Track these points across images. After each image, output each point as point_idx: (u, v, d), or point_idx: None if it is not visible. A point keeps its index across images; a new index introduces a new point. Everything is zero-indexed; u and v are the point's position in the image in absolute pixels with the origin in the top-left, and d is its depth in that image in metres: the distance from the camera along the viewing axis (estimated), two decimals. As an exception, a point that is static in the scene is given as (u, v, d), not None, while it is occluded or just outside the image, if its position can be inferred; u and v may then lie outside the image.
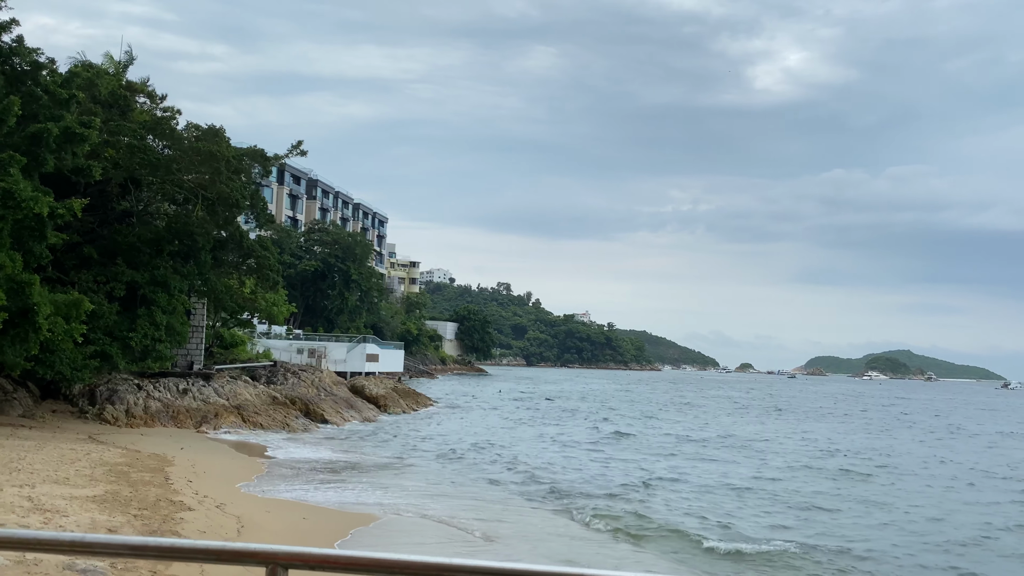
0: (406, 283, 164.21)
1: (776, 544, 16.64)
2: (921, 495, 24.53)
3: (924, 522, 20.36)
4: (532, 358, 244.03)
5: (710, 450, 34.58)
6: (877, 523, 19.88)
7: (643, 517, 19.38)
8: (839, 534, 18.42)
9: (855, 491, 24.66)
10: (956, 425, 58.65)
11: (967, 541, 18.36)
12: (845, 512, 21.22)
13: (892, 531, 19.06)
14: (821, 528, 19.00)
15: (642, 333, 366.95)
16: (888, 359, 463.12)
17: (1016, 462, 34.96)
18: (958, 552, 17.27)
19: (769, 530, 18.58)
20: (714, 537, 17.05)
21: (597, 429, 42.94)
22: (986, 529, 19.75)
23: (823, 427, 51.57)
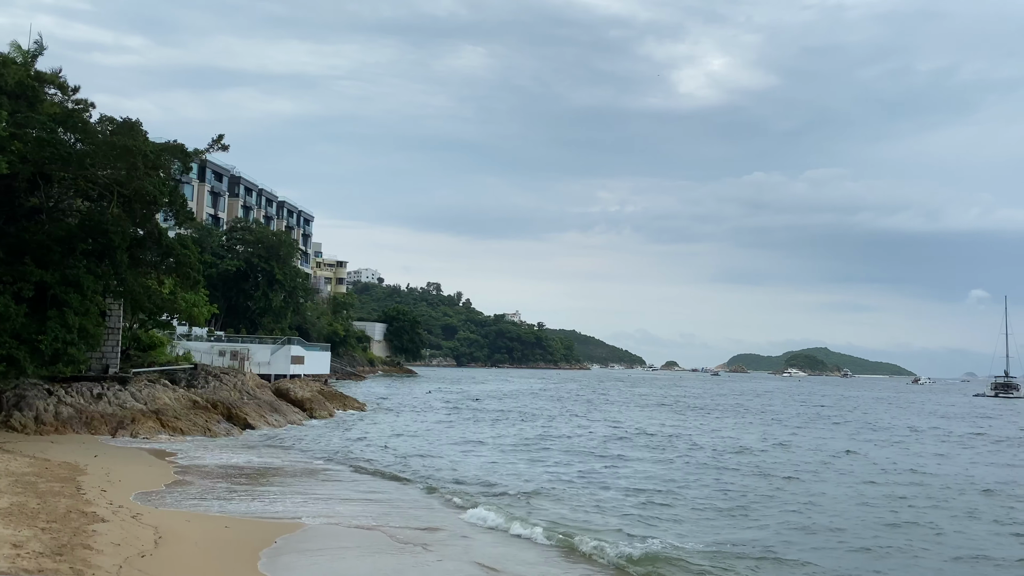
0: (333, 283, 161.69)
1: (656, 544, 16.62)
2: (808, 489, 25.03)
3: (780, 512, 20.88)
4: (463, 358, 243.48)
5: (635, 449, 34.99)
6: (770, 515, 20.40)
7: (577, 520, 19.43)
8: (731, 535, 18.74)
9: (761, 488, 25.22)
10: (869, 420, 60.92)
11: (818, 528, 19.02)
12: (749, 508, 21.63)
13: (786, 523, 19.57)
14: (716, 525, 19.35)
15: (571, 332, 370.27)
16: (807, 356, 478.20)
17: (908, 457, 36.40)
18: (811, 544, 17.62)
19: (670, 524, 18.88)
20: (634, 541, 17.13)
21: (526, 430, 43.00)
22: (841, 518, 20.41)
23: (734, 422, 52.85)
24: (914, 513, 21.25)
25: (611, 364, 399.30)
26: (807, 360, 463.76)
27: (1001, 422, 63.16)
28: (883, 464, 31.69)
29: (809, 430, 48.45)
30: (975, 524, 20.14)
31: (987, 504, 23.00)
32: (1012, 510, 22.13)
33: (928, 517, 20.77)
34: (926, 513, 21.34)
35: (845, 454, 34.85)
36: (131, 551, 13.41)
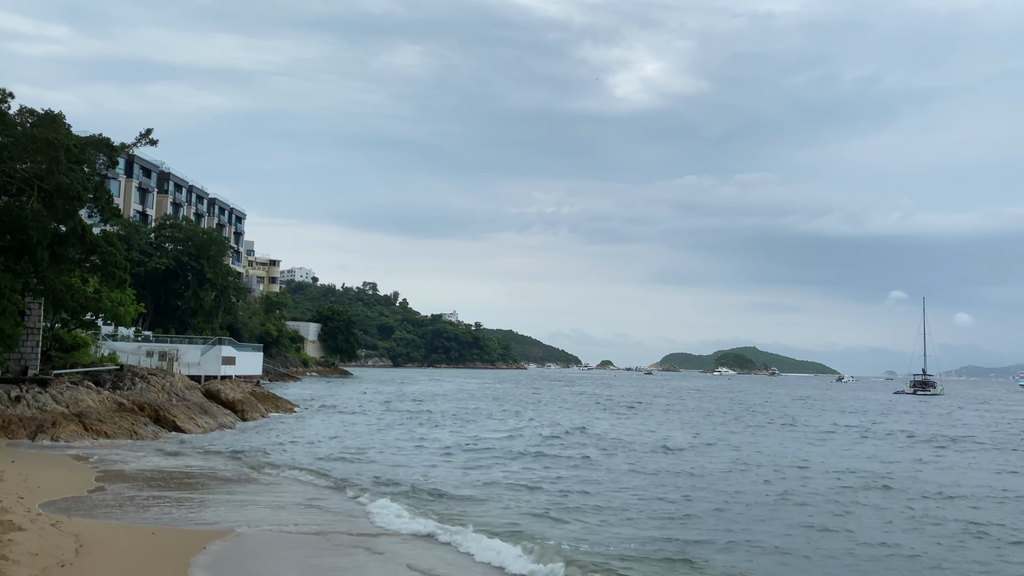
0: (265, 282, 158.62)
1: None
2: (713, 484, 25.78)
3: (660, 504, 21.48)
4: (399, 359, 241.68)
5: (565, 450, 35.27)
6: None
7: (510, 523, 19.47)
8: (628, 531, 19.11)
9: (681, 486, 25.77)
10: (797, 418, 62.66)
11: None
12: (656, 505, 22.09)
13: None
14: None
15: (508, 332, 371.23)
16: (736, 355, 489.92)
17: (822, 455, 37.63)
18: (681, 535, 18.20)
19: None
20: (563, 543, 17.25)
21: (463, 430, 42.92)
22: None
23: (663, 421, 53.82)
24: (836, 509, 21.96)
25: (548, 364, 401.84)
26: (736, 359, 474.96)
27: (915, 418, 65.76)
28: (812, 462, 32.65)
29: (739, 428, 49.57)
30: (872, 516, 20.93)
31: (890, 500, 23.92)
32: (911, 506, 23.06)
33: (849, 516, 21.48)
34: (849, 510, 22.07)
35: (771, 450, 35.85)
36: (50, 560, 12.90)
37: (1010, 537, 18.71)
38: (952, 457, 35.75)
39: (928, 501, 23.34)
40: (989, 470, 31.33)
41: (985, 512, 21.84)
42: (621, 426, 48.31)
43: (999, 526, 19.90)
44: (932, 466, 31.93)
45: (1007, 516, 21.36)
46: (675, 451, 34.78)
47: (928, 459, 34.50)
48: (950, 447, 40.55)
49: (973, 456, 36.56)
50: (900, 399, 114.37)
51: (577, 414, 58.47)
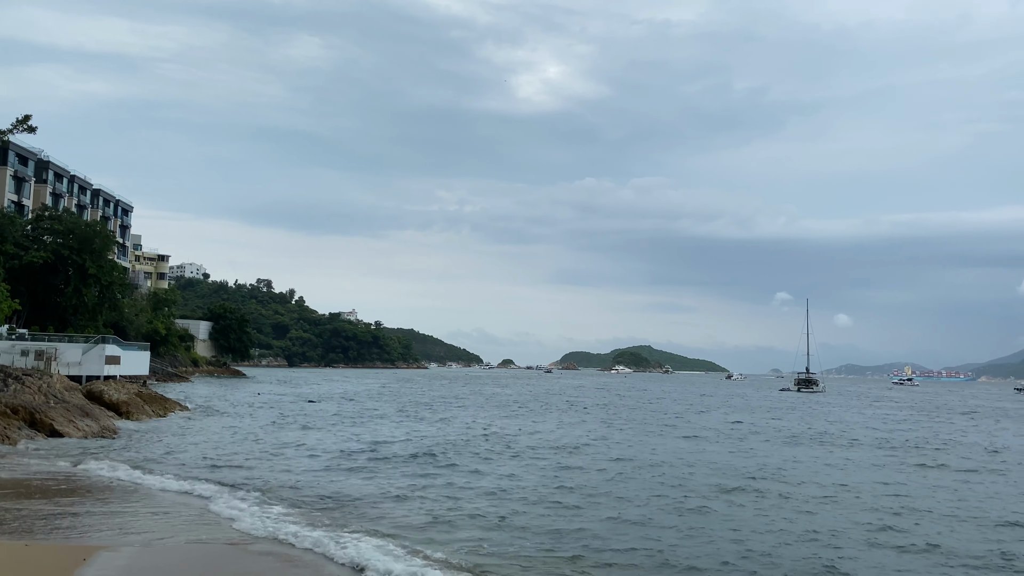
0: (153, 278, 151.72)
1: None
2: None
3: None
4: (295, 358, 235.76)
5: (465, 451, 35.18)
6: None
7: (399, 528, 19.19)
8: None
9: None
10: (677, 415, 64.59)
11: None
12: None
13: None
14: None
15: (409, 331, 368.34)
16: (632, 354, 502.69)
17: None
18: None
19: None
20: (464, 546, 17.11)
21: (360, 433, 42.13)
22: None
23: (561, 419, 54.60)
24: (716, 503, 22.70)
25: (449, 363, 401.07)
26: (633, 357, 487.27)
27: (801, 414, 69.03)
28: (711, 457, 33.66)
29: (636, 428, 50.67)
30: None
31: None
32: (760, 497, 24.14)
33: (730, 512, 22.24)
34: (729, 505, 22.84)
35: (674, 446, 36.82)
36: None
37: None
38: (815, 452, 37.48)
39: (791, 499, 24.40)
40: (857, 465, 33.06)
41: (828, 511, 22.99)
42: (517, 425, 48.58)
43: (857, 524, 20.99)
44: (804, 466, 33.38)
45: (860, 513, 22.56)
46: (569, 449, 35.18)
47: (802, 457, 36.09)
48: (825, 444, 42.59)
49: (842, 453, 38.53)
50: (786, 395, 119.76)
51: (474, 413, 58.48)
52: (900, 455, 36.22)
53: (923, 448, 39.90)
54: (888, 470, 30.50)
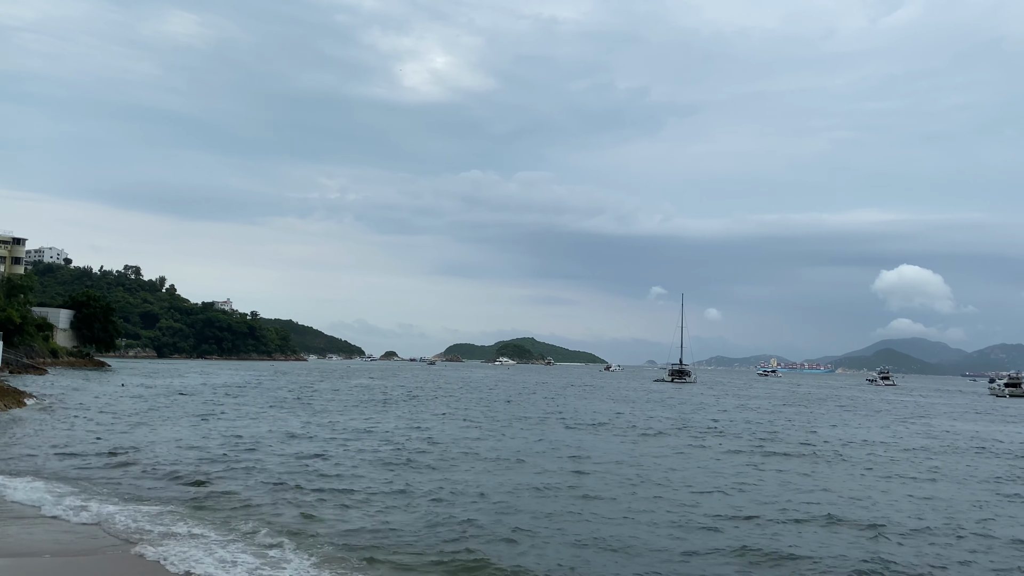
0: (8, 263, 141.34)
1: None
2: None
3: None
4: (165, 349, 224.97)
5: (309, 442, 34.77)
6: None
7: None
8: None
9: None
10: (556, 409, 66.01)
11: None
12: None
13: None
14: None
15: (288, 322, 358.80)
16: (515, 346, 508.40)
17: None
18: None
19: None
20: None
21: (220, 427, 40.79)
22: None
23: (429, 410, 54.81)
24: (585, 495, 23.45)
25: (329, 355, 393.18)
26: (516, 349, 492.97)
27: (673, 404, 71.88)
28: (580, 450, 34.56)
29: (518, 420, 51.31)
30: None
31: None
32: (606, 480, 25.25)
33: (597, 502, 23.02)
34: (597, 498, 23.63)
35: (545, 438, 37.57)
36: None
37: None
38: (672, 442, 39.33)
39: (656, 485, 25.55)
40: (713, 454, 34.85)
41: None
42: (393, 420, 48.36)
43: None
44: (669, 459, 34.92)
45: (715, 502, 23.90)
46: (442, 444, 35.35)
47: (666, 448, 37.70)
48: (691, 435, 44.62)
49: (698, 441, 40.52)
50: (659, 386, 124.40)
51: (342, 406, 57.74)
52: (735, 442, 38.38)
53: (771, 439, 42.41)
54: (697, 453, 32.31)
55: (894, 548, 16.79)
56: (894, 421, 57.64)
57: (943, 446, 39.33)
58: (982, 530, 18.86)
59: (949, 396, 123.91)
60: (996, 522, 19.91)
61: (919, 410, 75.81)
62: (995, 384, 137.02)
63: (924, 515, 20.43)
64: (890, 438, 42.94)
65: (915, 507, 21.57)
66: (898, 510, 21.05)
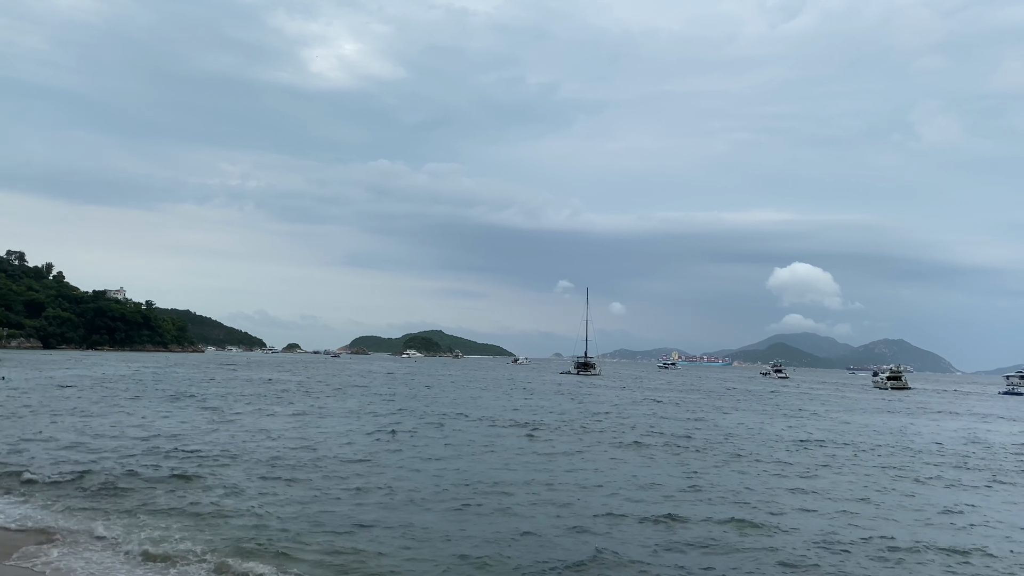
0: None
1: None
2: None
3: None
4: (52, 340, 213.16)
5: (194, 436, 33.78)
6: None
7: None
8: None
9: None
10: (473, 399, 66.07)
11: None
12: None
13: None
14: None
15: (185, 312, 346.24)
16: (423, 338, 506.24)
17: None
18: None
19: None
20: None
21: (103, 424, 39.00)
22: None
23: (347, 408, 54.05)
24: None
25: (229, 347, 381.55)
26: (424, 342, 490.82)
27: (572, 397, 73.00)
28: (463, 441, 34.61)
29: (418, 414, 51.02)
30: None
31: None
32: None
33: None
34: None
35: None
36: None
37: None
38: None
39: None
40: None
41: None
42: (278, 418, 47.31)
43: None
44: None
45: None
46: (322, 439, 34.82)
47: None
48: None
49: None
50: (566, 378, 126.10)
51: (231, 401, 56.18)
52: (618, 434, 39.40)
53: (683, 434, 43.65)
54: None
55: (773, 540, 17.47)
56: (790, 414, 60.09)
57: (845, 440, 41.20)
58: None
59: (837, 388, 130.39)
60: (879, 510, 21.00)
61: (813, 403, 79.42)
62: (878, 377, 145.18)
63: (810, 505, 21.36)
64: (786, 430, 44.71)
65: (799, 500, 22.51)
66: (781, 503, 21.94)
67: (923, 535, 17.89)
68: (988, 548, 16.98)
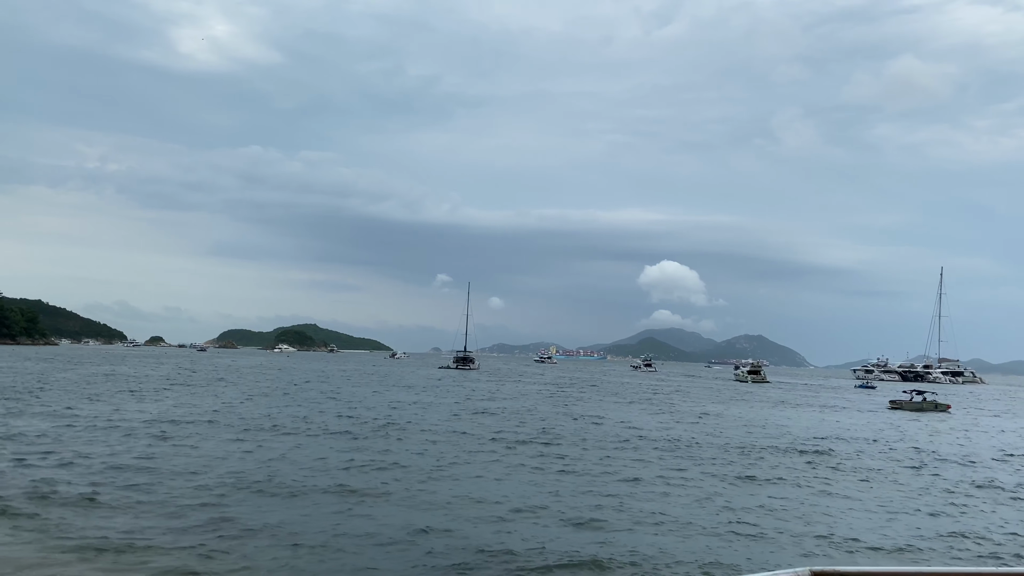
0: None
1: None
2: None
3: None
4: None
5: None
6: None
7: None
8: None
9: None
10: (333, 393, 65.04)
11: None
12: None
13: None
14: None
15: (36, 303, 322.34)
16: (296, 332, 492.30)
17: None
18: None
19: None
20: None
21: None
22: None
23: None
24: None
25: (86, 340, 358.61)
26: (297, 336, 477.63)
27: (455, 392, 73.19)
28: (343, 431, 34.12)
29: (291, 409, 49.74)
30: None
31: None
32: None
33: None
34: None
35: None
36: None
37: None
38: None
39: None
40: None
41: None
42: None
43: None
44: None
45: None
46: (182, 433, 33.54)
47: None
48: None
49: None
50: (444, 373, 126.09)
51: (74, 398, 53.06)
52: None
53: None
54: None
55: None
56: (660, 409, 62.40)
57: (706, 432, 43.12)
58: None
59: (702, 381, 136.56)
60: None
61: (680, 395, 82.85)
62: (739, 371, 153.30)
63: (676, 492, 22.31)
64: (660, 423, 46.42)
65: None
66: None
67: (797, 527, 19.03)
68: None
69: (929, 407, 67.44)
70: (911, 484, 25.86)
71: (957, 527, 19.20)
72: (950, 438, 43.93)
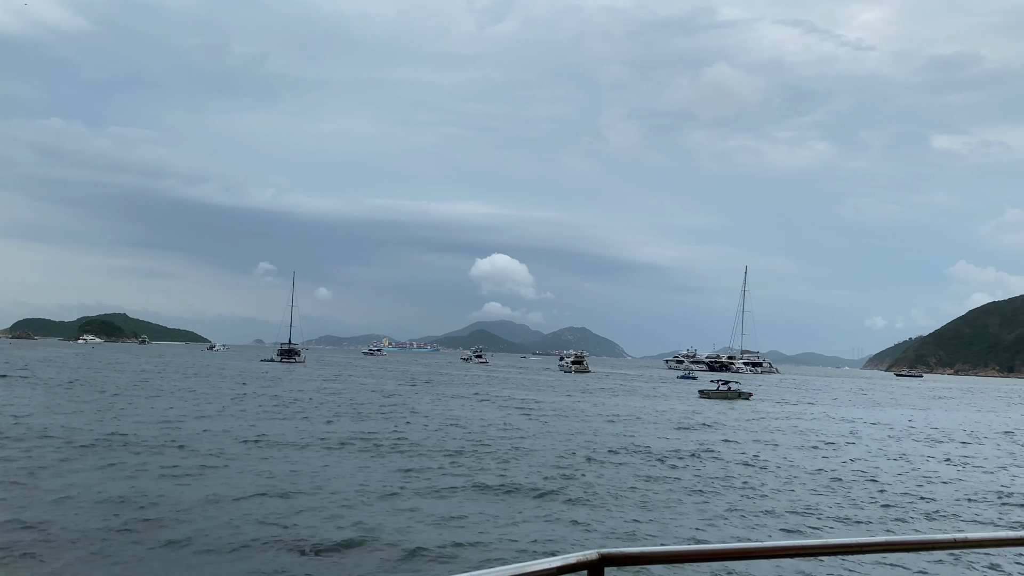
0: None
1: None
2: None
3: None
4: None
5: None
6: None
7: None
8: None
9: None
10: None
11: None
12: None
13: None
14: None
15: None
16: (103, 322, 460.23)
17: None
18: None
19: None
20: None
21: None
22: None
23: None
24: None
25: None
26: (104, 326, 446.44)
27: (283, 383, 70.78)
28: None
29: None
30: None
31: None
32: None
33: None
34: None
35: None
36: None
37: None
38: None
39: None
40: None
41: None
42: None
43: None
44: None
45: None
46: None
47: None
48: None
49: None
50: (269, 366, 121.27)
51: None
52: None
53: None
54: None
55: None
56: (496, 403, 63.37)
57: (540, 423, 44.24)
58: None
59: (531, 373, 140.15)
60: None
61: (506, 386, 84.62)
62: (563, 362, 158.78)
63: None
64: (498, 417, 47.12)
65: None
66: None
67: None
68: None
69: (734, 395, 73.03)
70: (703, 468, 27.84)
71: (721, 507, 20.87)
72: (749, 424, 47.81)
